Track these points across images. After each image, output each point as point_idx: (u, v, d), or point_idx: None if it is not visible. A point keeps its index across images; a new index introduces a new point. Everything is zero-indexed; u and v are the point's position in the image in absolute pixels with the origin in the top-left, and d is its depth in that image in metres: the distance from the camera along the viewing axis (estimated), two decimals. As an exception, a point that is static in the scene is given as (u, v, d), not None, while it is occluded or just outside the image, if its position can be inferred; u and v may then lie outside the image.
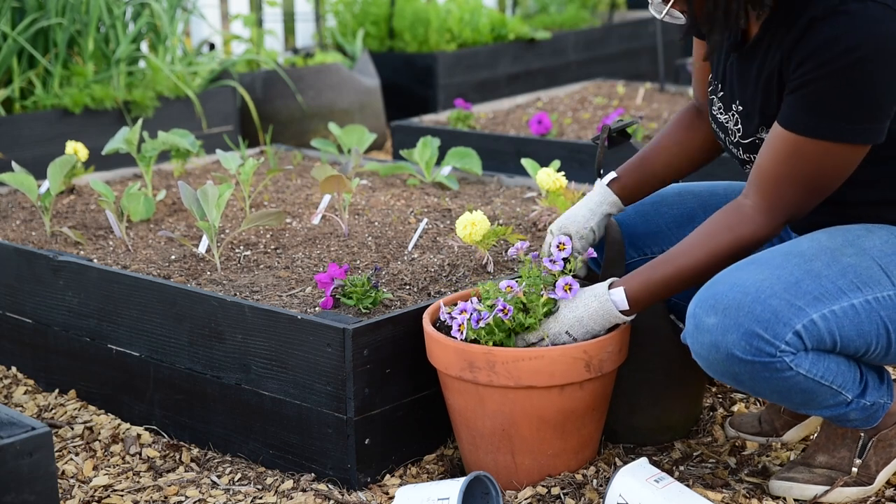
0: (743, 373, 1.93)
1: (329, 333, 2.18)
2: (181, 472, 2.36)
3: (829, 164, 1.95)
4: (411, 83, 6.05)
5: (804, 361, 1.93)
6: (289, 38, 6.67)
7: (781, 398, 1.99)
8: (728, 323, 1.91)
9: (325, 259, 2.69)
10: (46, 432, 1.75)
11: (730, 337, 1.91)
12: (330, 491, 2.21)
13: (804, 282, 1.93)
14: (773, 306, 1.90)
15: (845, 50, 1.86)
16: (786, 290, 1.91)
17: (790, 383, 1.94)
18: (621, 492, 2.02)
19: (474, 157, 3.40)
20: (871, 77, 1.87)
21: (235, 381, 2.37)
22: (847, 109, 1.90)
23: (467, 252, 2.69)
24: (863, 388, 2.03)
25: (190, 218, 3.09)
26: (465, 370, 2.11)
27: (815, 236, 2.03)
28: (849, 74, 1.87)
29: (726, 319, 1.91)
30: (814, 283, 1.93)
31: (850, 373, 1.99)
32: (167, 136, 3.29)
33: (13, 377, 2.85)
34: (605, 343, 2.12)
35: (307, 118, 5.25)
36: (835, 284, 1.94)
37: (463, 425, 2.21)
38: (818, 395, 1.98)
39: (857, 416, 2.05)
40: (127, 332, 2.55)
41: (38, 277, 2.72)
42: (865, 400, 2.03)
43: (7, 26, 4.30)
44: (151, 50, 4.88)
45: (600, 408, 2.23)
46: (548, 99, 5.21)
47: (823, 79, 1.89)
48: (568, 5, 7.48)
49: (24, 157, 3.95)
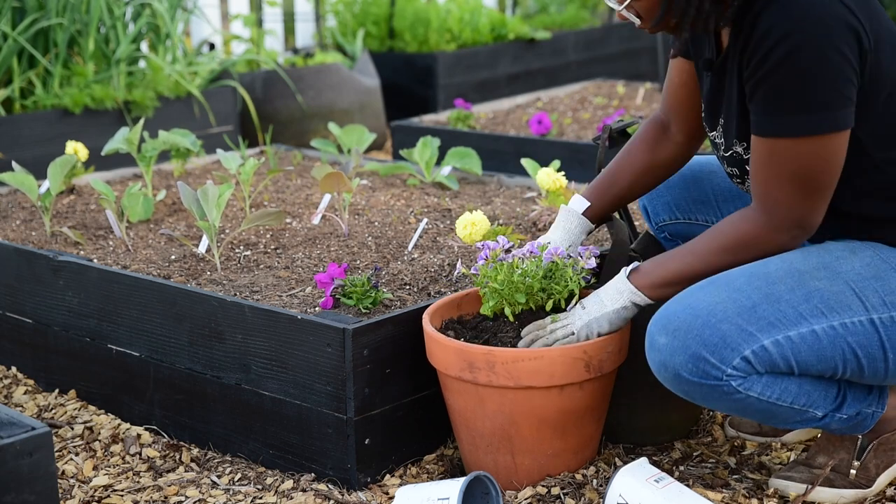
0: (693, 392, 1.93)
1: (329, 333, 2.18)
2: (181, 472, 2.36)
3: (807, 159, 1.91)
4: (411, 83, 6.05)
5: (756, 385, 1.91)
6: (289, 38, 6.66)
7: (742, 415, 2.00)
8: (676, 344, 1.90)
9: (325, 259, 2.69)
10: (46, 432, 1.75)
11: (677, 358, 1.91)
12: (330, 491, 2.21)
13: (761, 306, 1.90)
14: (723, 331, 1.89)
15: (779, 40, 1.85)
16: (738, 315, 1.89)
17: (743, 404, 1.94)
18: (621, 492, 2.02)
19: (474, 157, 3.41)
20: (812, 63, 1.84)
21: (235, 381, 2.37)
22: (800, 101, 1.87)
23: (467, 252, 2.69)
24: (839, 403, 2.01)
25: (190, 218, 3.09)
26: (465, 370, 2.11)
27: (787, 257, 1.99)
28: (789, 65, 1.85)
29: (675, 341, 1.91)
30: (771, 308, 1.90)
31: (819, 391, 1.97)
32: (168, 135, 3.29)
33: (13, 377, 2.85)
34: (605, 343, 2.12)
35: (307, 118, 5.25)
36: (795, 309, 1.91)
37: (463, 425, 2.21)
38: (778, 413, 1.97)
39: (839, 426, 2.04)
40: (127, 332, 2.56)
41: (38, 277, 2.72)
42: (842, 413, 2.01)
43: (7, 26, 4.30)
44: (151, 50, 4.88)
45: (600, 408, 2.23)
46: (548, 99, 5.21)
47: (769, 75, 1.87)
48: (568, 5, 7.48)
49: (24, 157, 3.95)
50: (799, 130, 1.89)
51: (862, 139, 1.95)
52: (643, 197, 2.46)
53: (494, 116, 4.85)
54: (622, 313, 2.10)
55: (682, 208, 2.41)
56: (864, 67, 1.89)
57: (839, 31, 1.84)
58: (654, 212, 2.46)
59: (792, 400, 1.95)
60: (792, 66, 1.85)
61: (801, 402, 1.96)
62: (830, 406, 2.00)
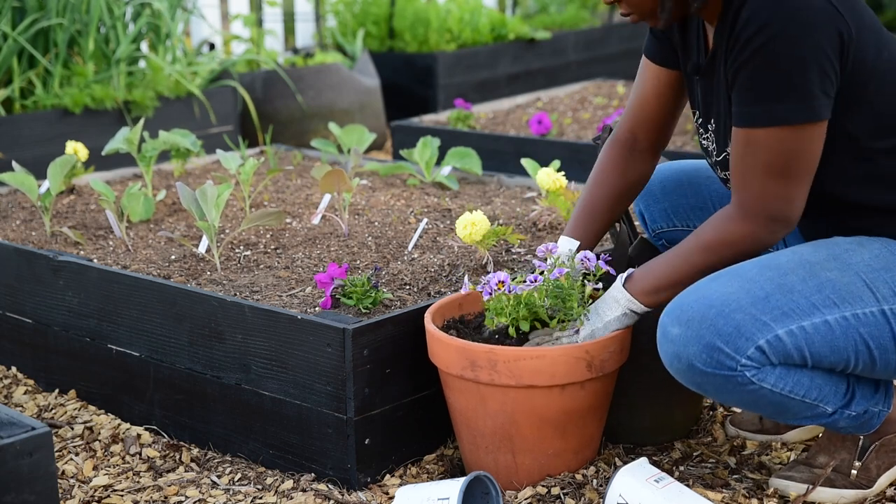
0: (706, 384, 1.93)
1: (329, 333, 2.18)
2: (181, 472, 2.36)
3: (781, 149, 1.90)
4: (411, 83, 6.05)
5: (769, 376, 1.91)
6: (289, 38, 6.67)
7: (753, 409, 1.99)
8: (690, 335, 1.90)
9: (325, 259, 2.69)
10: (46, 432, 1.75)
11: (691, 349, 1.90)
12: (330, 491, 2.21)
13: (774, 296, 1.90)
14: (737, 320, 1.88)
15: (758, 29, 1.85)
16: (752, 305, 1.89)
17: (755, 396, 1.93)
18: (621, 492, 2.02)
19: (474, 157, 3.41)
20: (788, 53, 1.84)
21: (235, 381, 2.37)
22: (775, 90, 1.87)
23: (467, 252, 2.69)
24: (848, 400, 2.01)
25: (190, 218, 3.09)
26: (467, 369, 2.11)
27: (798, 249, 2.00)
28: (765, 54, 1.85)
29: (689, 331, 1.90)
30: (784, 298, 1.90)
31: (830, 386, 1.97)
32: (168, 135, 3.29)
33: (13, 377, 2.85)
34: (607, 343, 2.12)
35: (307, 118, 5.25)
36: (808, 300, 1.91)
37: (463, 425, 2.21)
38: (789, 407, 1.96)
39: (846, 424, 2.04)
40: (127, 332, 2.55)
41: (38, 277, 2.72)
42: (851, 410, 2.01)
43: (7, 26, 4.30)
44: (151, 50, 4.88)
45: (601, 408, 2.23)
46: (548, 99, 5.21)
47: (746, 64, 1.88)
48: (568, 5, 7.48)
49: (24, 157, 3.95)
50: (773, 120, 1.89)
51: (852, 131, 1.95)
52: (640, 203, 2.46)
53: (494, 116, 4.85)
54: (623, 320, 2.11)
55: (680, 215, 2.41)
56: (846, 60, 1.88)
57: (819, 22, 1.84)
58: (652, 219, 2.46)
59: (804, 393, 1.95)
60: (768, 55, 1.85)
61: (812, 395, 1.96)
62: (840, 402, 2.00)
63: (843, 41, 1.87)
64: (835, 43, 1.86)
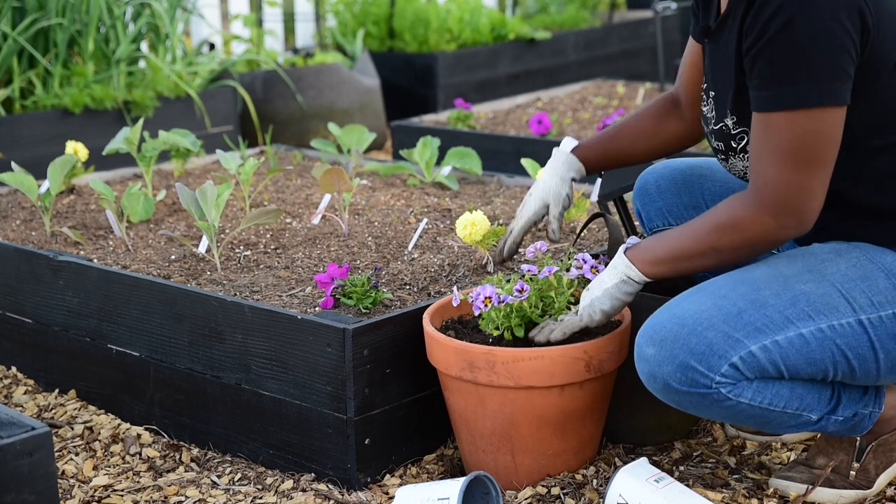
0: (684, 402, 1.93)
1: (329, 333, 2.18)
2: (181, 472, 2.36)
3: (800, 134, 1.86)
4: (411, 83, 6.05)
5: (746, 391, 1.91)
6: (289, 38, 6.66)
7: (736, 422, 1.99)
8: (664, 355, 1.90)
9: (325, 259, 2.69)
10: (46, 432, 1.75)
11: (665, 368, 1.90)
12: (330, 491, 2.21)
13: (747, 312, 1.90)
14: (709, 338, 1.88)
15: (776, 10, 1.83)
16: (725, 322, 1.89)
17: (735, 411, 1.93)
18: (621, 492, 2.02)
19: (474, 157, 3.41)
20: (810, 33, 1.82)
21: (235, 381, 2.37)
22: (794, 73, 1.84)
23: (467, 252, 2.69)
24: (834, 405, 2.00)
25: (190, 218, 3.09)
26: (465, 370, 2.11)
27: (773, 261, 1.98)
28: (784, 36, 1.83)
29: (662, 351, 1.90)
30: (757, 314, 1.90)
31: (812, 394, 1.97)
32: (168, 135, 3.29)
33: (13, 377, 2.85)
34: (605, 343, 2.12)
35: (307, 118, 5.25)
36: (781, 314, 1.90)
37: (463, 425, 2.21)
38: (771, 419, 1.96)
39: (836, 428, 2.04)
40: (127, 332, 2.56)
41: (38, 277, 2.72)
42: (838, 415, 2.01)
43: (7, 26, 4.30)
44: (151, 50, 4.88)
45: (600, 408, 2.23)
46: (548, 99, 5.21)
47: (767, 46, 1.85)
48: (568, 5, 7.48)
49: (24, 157, 3.95)
50: (793, 102, 1.86)
51: (852, 124, 1.92)
52: (636, 201, 2.46)
53: (494, 116, 4.85)
54: (622, 287, 2.04)
55: (675, 214, 2.41)
56: (866, 41, 1.86)
57: (844, 3, 1.83)
58: (648, 217, 2.46)
59: (784, 404, 1.95)
60: (790, 36, 1.83)
61: (794, 405, 1.96)
62: (825, 409, 1.99)
63: (865, 21, 1.85)
64: (858, 27, 1.84)
